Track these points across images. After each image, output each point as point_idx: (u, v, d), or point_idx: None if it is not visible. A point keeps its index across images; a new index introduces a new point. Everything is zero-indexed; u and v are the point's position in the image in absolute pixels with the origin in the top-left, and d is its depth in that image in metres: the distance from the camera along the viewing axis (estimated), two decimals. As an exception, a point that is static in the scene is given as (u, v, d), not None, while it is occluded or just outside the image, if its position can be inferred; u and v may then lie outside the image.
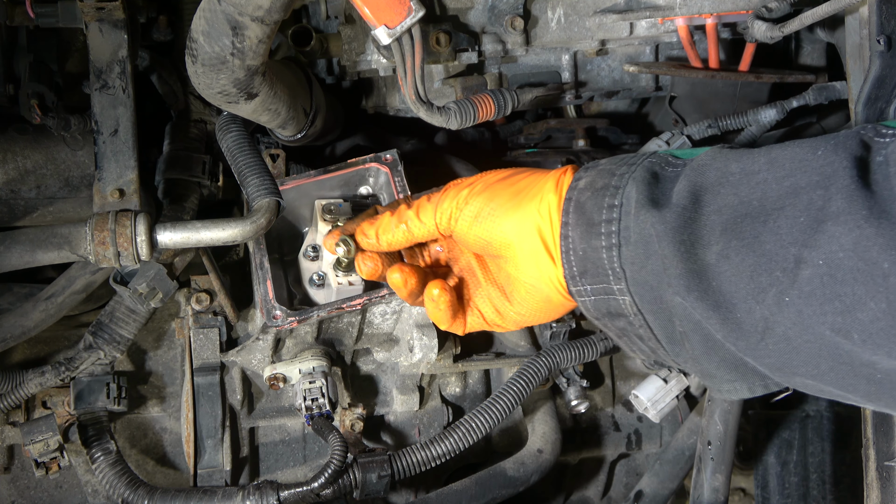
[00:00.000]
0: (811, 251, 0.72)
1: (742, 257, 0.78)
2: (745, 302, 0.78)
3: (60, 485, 1.53)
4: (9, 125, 1.43)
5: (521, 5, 1.43)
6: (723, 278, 0.80)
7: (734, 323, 0.80)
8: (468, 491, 1.50)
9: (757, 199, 0.79)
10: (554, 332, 1.57)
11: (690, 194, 0.85)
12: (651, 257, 0.87)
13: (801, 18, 1.29)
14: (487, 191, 1.08)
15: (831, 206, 0.71)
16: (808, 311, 0.72)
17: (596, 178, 0.97)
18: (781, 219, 0.75)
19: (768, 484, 1.74)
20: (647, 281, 0.89)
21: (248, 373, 1.52)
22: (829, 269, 0.70)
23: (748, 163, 0.83)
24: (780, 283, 0.74)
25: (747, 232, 0.78)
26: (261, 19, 1.03)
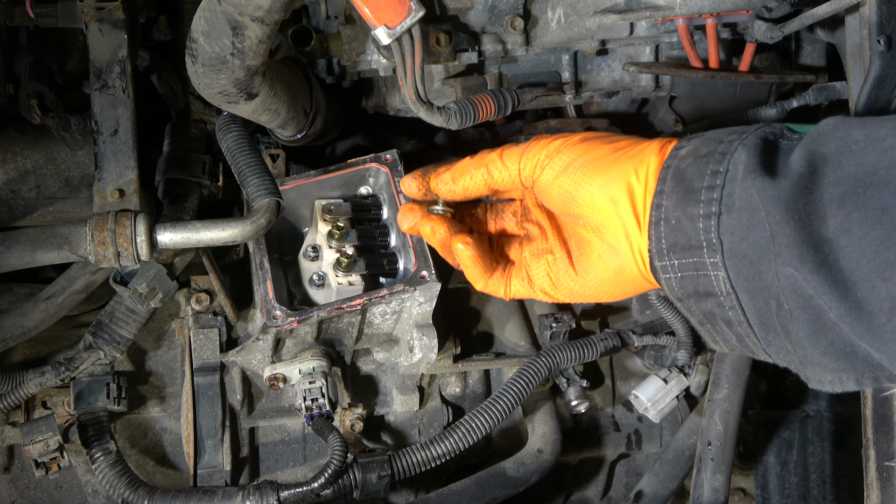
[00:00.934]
0: None
1: (866, 231, 0.70)
2: (868, 280, 0.71)
3: (60, 485, 1.54)
4: (9, 125, 1.43)
5: (521, 5, 1.43)
6: (842, 253, 0.72)
7: (854, 302, 0.72)
8: (468, 491, 1.50)
9: (884, 168, 0.71)
10: (554, 332, 1.57)
11: (808, 163, 0.78)
12: (755, 227, 0.79)
13: (801, 18, 1.29)
14: (584, 144, 1.00)
15: None
16: None
17: (700, 145, 0.89)
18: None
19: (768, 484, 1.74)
20: (746, 254, 0.81)
21: (248, 373, 1.52)
22: None
23: (873, 129, 0.75)
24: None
25: (873, 203, 0.71)
26: (261, 19, 1.03)
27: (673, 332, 1.61)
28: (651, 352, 1.67)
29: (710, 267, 0.84)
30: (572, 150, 1.01)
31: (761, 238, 0.78)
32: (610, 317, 1.75)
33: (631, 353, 1.73)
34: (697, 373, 1.63)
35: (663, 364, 1.64)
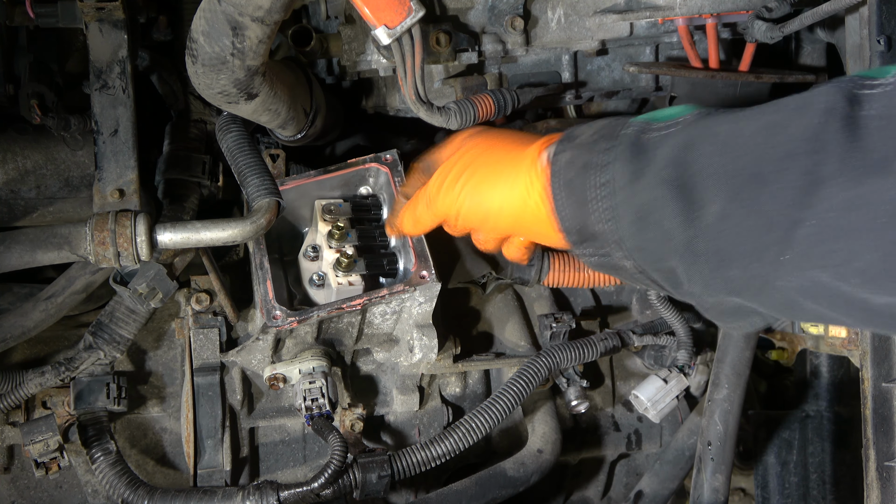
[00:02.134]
0: (806, 212, 0.76)
1: (741, 219, 0.81)
2: (742, 259, 0.82)
3: (60, 485, 1.53)
4: (9, 125, 1.43)
5: (521, 5, 1.43)
6: (723, 238, 0.83)
7: (728, 280, 0.85)
8: (468, 491, 1.50)
9: (753, 163, 0.82)
10: (554, 332, 1.57)
11: (677, 161, 0.88)
12: (649, 228, 0.91)
13: (801, 18, 1.29)
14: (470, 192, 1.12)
15: (824, 170, 0.76)
16: (807, 265, 0.77)
17: (577, 154, 0.99)
18: (780, 182, 0.79)
19: (768, 484, 1.74)
20: (647, 247, 0.93)
21: (248, 373, 1.52)
22: (820, 229, 0.75)
23: (735, 126, 0.86)
24: (779, 243, 0.78)
25: (745, 195, 0.81)
26: (261, 19, 1.03)
27: (673, 332, 1.61)
28: (651, 352, 1.67)
29: (617, 257, 0.98)
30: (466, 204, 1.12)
31: (653, 235, 0.91)
32: (610, 317, 1.75)
33: (631, 353, 1.73)
34: (697, 373, 1.63)
35: (663, 364, 1.64)
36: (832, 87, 0.81)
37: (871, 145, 0.74)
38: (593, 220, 0.97)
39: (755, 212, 0.80)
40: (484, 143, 1.14)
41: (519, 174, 1.05)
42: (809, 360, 1.73)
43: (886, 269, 0.72)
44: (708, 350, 1.64)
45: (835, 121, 0.78)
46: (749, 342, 1.51)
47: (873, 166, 0.73)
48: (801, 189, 0.77)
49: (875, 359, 1.33)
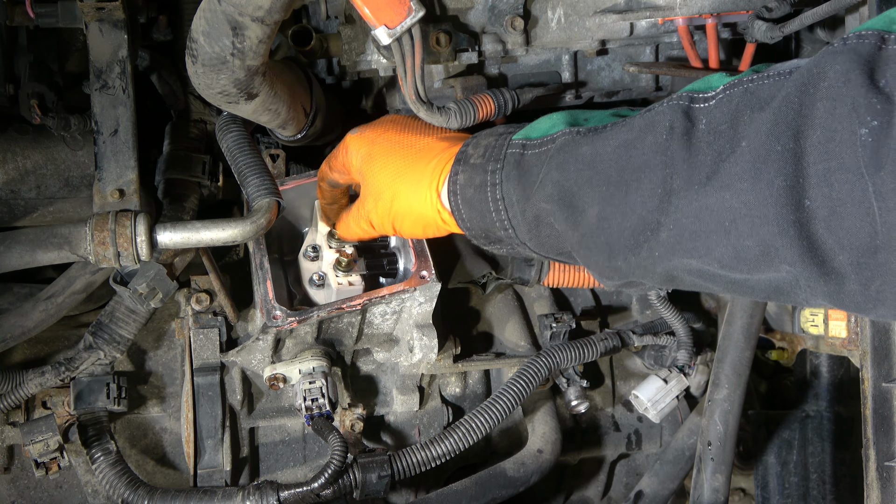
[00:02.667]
0: (665, 217, 0.92)
1: (617, 220, 0.98)
2: (623, 253, 0.99)
3: (60, 485, 1.54)
4: (9, 125, 1.43)
5: (521, 5, 1.43)
6: (605, 234, 1.00)
7: (615, 267, 1.02)
8: (468, 491, 1.50)
9: (616, 174, 0.99)
10: (554, 332, 1.57)
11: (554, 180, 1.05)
12: (543, 230, 1.10)
13: (801, 18, 1.29)
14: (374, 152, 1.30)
15: (674, 183, 0.91)
16: (675, 256, 0.93)
17: (472, 175, 1.17)
18: (641, 190, 0.95)
19: (768, 484, 1.74)
20: (545, 243, 1.12)
21: (248, 373, 1.52)
22: (680, 231, 0.91)
23: (595, 147, 1.03)
24: (649, 241, 0.95)
25: (616, 200, 0.98)
26: (261, 19, 1.03)
27: (673, 332, 1.61)
28: (651, 352, 1.67)
29: (524, 251, 1.19)
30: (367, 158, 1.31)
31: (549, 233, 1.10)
32: (610, 317, 1.75)
33: (631, 353, 1.73)
34: (697, 373, 1.63)
35: (663, 364, 1.64)
36: (671, 106, 0.96)
37: (706, 160, 0.89)
38: (496, 228, 1.16)
39: (626, 213, 0.97)
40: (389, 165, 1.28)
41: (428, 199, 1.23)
42: (809, 360, 1.73)
43: (737, 257, 0.88)
44: (708, 350, 1.64)
45: (677, 137, 0.93)
46: (749, 342, 1.51)
47: (711, 180, 0.88)
48: (659, 196, 0.93)
49: (875, 359, 1.33)
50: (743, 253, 0.87)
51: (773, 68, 0.92)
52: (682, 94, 0.96)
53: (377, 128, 1.34)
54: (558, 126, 1.12)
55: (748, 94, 0.90)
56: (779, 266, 0.85)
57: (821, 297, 0.85)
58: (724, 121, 0.90)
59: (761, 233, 0.84)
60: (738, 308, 1.51)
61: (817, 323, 1.54)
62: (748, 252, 0.86)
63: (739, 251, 0.87)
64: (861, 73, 0.79)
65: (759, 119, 0.86)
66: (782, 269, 0.85)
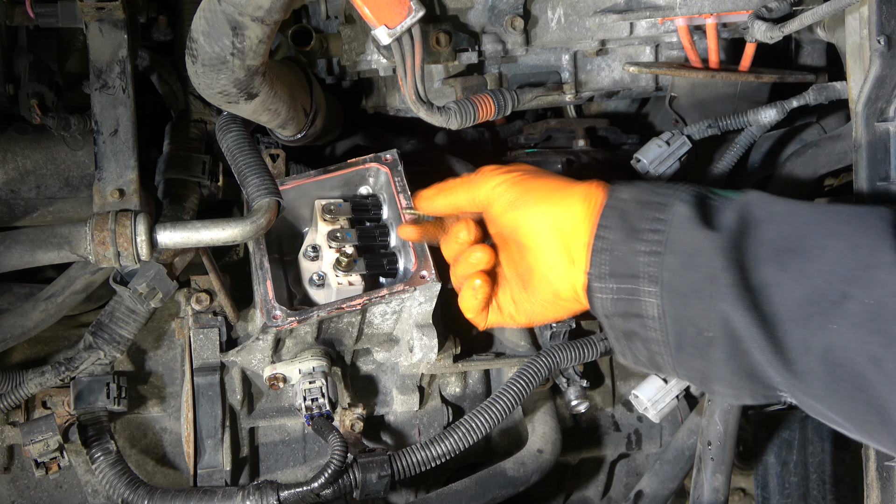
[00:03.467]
0: (859, 290, 0.82)
1: (792, 286, 0.87)
2: (790, 323, 0.87)
3: (60, 485, 1.54)
4: (9, 125, 1.43)
5: (521, 5, 1.43)
6: (772, 299, 0.89)
7: (776, 340, 0.89)
8: (468, 491, 1.50)
9: (798, 237, 0.89)
10: (554, 332, 1.57)
11: (739, 223, 0.94)
12: (694, 269, 0.95)
13: (801, 18, 1.29)
14: (525, 182, 1.15)
15: (879, 257, 0.82)
16: (852, 337, 0.82)
17: (639, 193, 1.04)
18: (826, 257, 0.85)
19: (768, 484, 1.74)
20: (681, 289, 0.96)
21: (248, 373, 1.52)
22: (878, 308, 0.80)
23: (793, 205, 0.93)
24: (826, 313, 0.84)
25: (792, 265, 0.88)
26: (261, 19, 1.03)
27: (673, 332, 1.61)
28: (651, 352, 1.67)
29: (644, 294, 0.99)
30: (515, 188, 1.15)
31: (696, 278, 0.95)
32: (610, 317, 1.75)
33: (631, 353, 1.73)
34: (697, 373, 1.63)
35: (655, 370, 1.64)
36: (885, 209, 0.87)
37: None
38: (638, 250, 1.00)
39: (805, 282, 0.86)
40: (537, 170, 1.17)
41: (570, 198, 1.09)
42: (809, 360, 1.73)
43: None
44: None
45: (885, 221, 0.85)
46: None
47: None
48: (852, 268, 0.83)
49: (875, 359, 1.33)
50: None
51: None
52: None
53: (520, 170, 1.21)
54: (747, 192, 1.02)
55: None
56: None
57: None
58: None
59: None
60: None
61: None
62: None
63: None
64: None
65: None
66: None
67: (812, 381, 0.88)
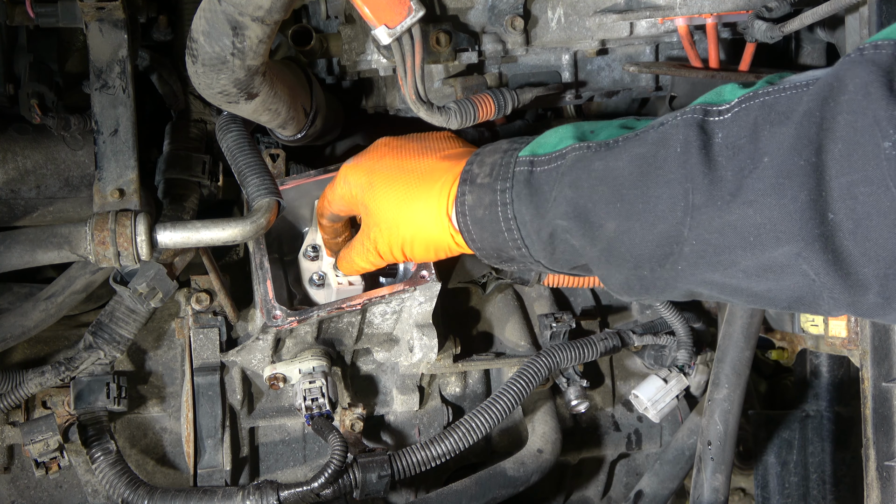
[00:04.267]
0: (689, 231, 0.92)
1: (640, 233, 0.97)
2: (650, 263, 0.98)
3: (60, 485, 1.54)
4: (9, 125, 1.43)
5: (521, 5, 1.43)
6: (628, 245, 0.99)
7: (640, 278, 1.02)
8: (468, 491, 1.50)
9: (626, 189, 0.98)
10: (554, 332, 1.57)
11: (568, 198, 1.04)
12: (558, 247, 1.09)
13: (801, 18, 1.29)
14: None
15: (695, 199, 0.91)
16: (699, 271, 0.94)
17: (481, 194, 1.15)
18: (662, 205, 0.95)
19: (768, 484, 1.74)
20: (560, 259, 1.11)
21: (248, 373, 1.52)
22: (704, 246, 0.92)
23: (607, 162, 1.02)
24: (673, 254, 0.95)
25: (636, 214, 0.97)
26: (261, 19, 1.03)
27: (673, 332, 1.61)
28: (651, 352, 1.67)
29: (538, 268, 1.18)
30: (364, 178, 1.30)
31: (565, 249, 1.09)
32: (610, 317, 1.75)
33: (631, 353, 1.73)
34: (697, 373, 1.63)
35: (663, 364, 1.64)
36: (685, 120, 0.95)
37: (727, 175, 0.89)
38: (509, 247, 1.15)
39: (648, 227, 0.96)
40: (391, 193, 1.26)
41: (435, 220, 1.21)
42: (809, 359, 1.73)
43: (761, 270, 0.89)
44: (708, 350, 1.64)
45: (694, 151, 0.92)
46: (749, 342, 1.51)
47: (735, 197, 0.88)
48: (682, 210, 0.92)
49: (875, 358, 1.33)
50: (768, 266, 0.87)
51: (788, 80, 0.91)
52: (695, 106, 0.95)
53: (373, 155, 1.32)
54: (566, 141, 1.10)
55: (766, 107, 0.89)
56: (803, 278, 0.86)
57: (843, 307, 0.86)
58: (742, 135, 0.90)
59: (786, 247, 0.84)
60: (738, 308, 1.51)
61: (817, 322, 1.53)
62: (773, 265, 0.87)
63: (764, 264, 0.88)
64: (881, 84, 0.79)
65: (781, 133, 0.86)
66: (806, 280, 0.86)
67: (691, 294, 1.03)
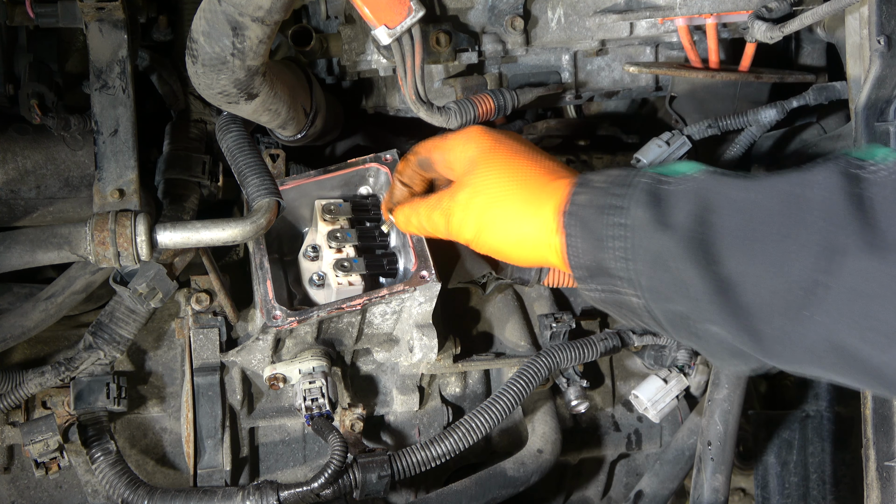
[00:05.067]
0: (830, 277, 0.83)
1: (762, 279, 0.88)
2: (770, 317, 0.88)
3: (60, 485, 1.54)
4: (9, 125, 1.43)
5: (521, 5, 1.43)
6: (741, 290, 0.89)
7: (753, 331, 0.90)
8: (468, 491, 1.50)
9: (771, 228, 0.89)
10: (554, 332, 1.57)
11: (697, 215, 0.95)
12: (666, 271, 0.96)
13: (801, 18, 1.29)
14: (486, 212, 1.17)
15: (843, 242, 0.83)
16: (835, 325, 0.84)
17: (595, 197, 1.05)
18: (799, 248, 0.86)
19: (768, 484, 1.74)
20: (659, 289, 0.98)
21: (248, 373, 1.52)
22: (847, 293, 0.82)
23: (749, 194, 0.93)
24: (799, 300, 0.85)
25: (765, 257, 0.88)
26: (261, 20, 1.03)
27: (673, 332, 1.61)
28: (651, 352, 1.67)
29: (626, 294, 1.02)
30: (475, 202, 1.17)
31: (669, 279, 0.96)
32: (610, 317, 1.75)
33: (631, 353, 1.73)
34: (697, 373, 1.63)
35: (663, 364, 1.64)
36: (830, 167, 0.88)
37: (884, 225, 0.82)
38: (607, 257, 1.02)
39: (776, 273, 0.87)
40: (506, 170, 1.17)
41: (540, 215, 1.11)
42: (809, 360, 1.73)
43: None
44: (708, 350, 1.64)
45: (841, 197, 0.85)
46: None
47: (890, 245, 0.81)
48: (821, 255, 0.84)
49: (875, 359, 1.33)
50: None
51: None
52: (840, 156, 0.90)
53: (505, 132, 1.24)
54: (697, 168, 1.01)
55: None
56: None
57: None
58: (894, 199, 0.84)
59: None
60: (738, 308, 1.51)
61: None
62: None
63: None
64: None
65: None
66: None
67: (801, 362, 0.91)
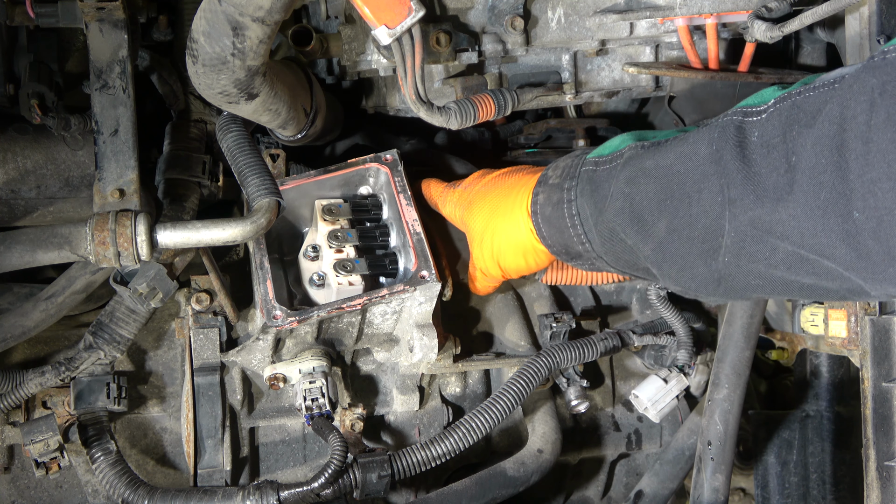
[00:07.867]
0: (728, 224, 0.98)
1: (686, 231, 1.03)
2: (697, 262, 1.04)
3: (60, 485, 1.54)
4: (9, 125, 1.43)
5: (521, 5, 1.43)
6: (676, 245, 1.05)
7: (692, 277, 1.07)
8: (468, 491, 1.50)
9: (678, 187, 1.04)
10: (554, 332, 1.57)
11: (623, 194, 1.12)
12: (616, 244, 1.17)
13: (801, 18, 1.29)
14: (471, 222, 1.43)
15: (732, 192, 0.96)
16: (743, 263, 0.99)
17: (550, 194, 1.25)
18: (702, 201, 1.00)
19: (768, 484, 1.74)
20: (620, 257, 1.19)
21: (248, 373, 1.52)
22: (741, 237, 0.97)
23: (656, 160, 1.08)
24: (717, 248, 1.00)
25: (682, 212, 1.03)
26: (261, 20, 1.03)
27: (673, 332, 1.61)
28: (651, 352, 1.67)
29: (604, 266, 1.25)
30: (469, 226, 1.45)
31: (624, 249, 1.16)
32: (610, 317, 1.75)
33: (631, 353, 1.73)
34: (697, 373, 1.63)
35: (663, 364, 1.64)
36: (724, 121, 1.00)
37: (760, 171, 0.94)
38: (574, 243, 1.23)
39: (692, 224, 1.02)
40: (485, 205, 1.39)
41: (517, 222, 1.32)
42: (809, 360, 1.73)
43: (799, 259, 0.92)
44: (708, 350, 1.64)
45: (730, 148, 0.97)
46: (749, 342, 1.51)
47: (767, 193, 0.93)
48: (719, 205, 0.98)
49: (875, 359, 1.33)
50: (804, 258, 0.91)
51: (820, 79, 0.94)
52: (737, 109, 1.01)
53: (469, 180, 1.46)
54: (626, 142, 1.17)
55: (796, 107, 0.93)
56: (840, 273, 0.89)
57: (885, 297, 0.91)
58: (775, 134, 0.94)
59: (815, 245, 0.88)
60: (737, 308, 1.51)
61: (817, 322, 1.54)
62: (806, 259, 0.91)
63: (800, 256, 0.91)
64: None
65: (806, 134, 0.90)
66: (844, 275, 0.89)
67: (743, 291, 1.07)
